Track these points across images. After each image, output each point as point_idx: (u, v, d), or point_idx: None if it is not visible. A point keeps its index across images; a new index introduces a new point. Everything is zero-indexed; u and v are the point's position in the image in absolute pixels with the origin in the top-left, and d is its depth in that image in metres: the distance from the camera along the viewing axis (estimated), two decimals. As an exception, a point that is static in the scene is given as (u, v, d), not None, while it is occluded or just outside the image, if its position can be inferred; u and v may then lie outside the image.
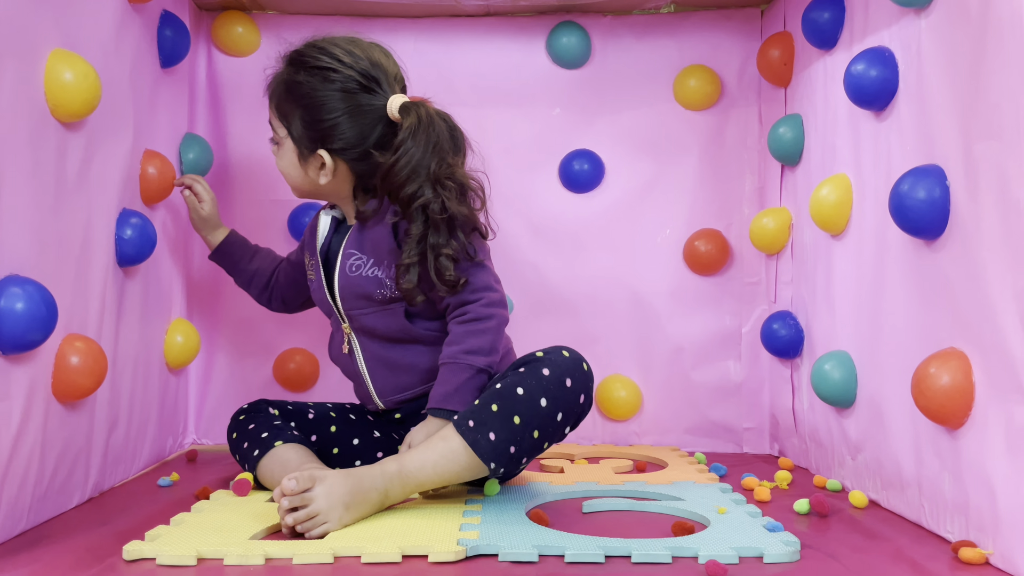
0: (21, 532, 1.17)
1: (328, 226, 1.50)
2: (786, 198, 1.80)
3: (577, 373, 1.31)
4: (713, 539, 1.12)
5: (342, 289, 1.44)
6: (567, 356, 1.32)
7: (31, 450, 1.17)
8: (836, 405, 1.48)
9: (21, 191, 1.14)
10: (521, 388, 1.27)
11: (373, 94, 1.40)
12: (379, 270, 1.42)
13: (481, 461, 1.25)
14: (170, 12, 1.64)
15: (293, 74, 1.42)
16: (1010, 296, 1.00)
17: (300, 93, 1.40)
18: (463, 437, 1.25)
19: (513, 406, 1.26)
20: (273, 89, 1.45)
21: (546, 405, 1.27)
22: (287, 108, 1.42)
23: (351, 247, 1.44)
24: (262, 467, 1.39)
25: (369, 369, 1.47)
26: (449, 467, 1.25)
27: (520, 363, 1.32)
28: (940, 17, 1.16)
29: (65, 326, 1.24)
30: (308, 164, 1.43)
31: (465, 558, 1.07)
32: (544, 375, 1.29)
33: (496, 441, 1.25)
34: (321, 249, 1.49)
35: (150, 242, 1.49)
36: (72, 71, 1.21)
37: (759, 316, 1.88)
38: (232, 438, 1.47)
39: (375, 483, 1.22)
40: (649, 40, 1.91)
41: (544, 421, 1.28)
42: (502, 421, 1.25)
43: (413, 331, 1.43)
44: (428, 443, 1.27)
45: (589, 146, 1.92)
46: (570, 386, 1.30)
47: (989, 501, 1.05)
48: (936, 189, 1.14)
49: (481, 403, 1.28)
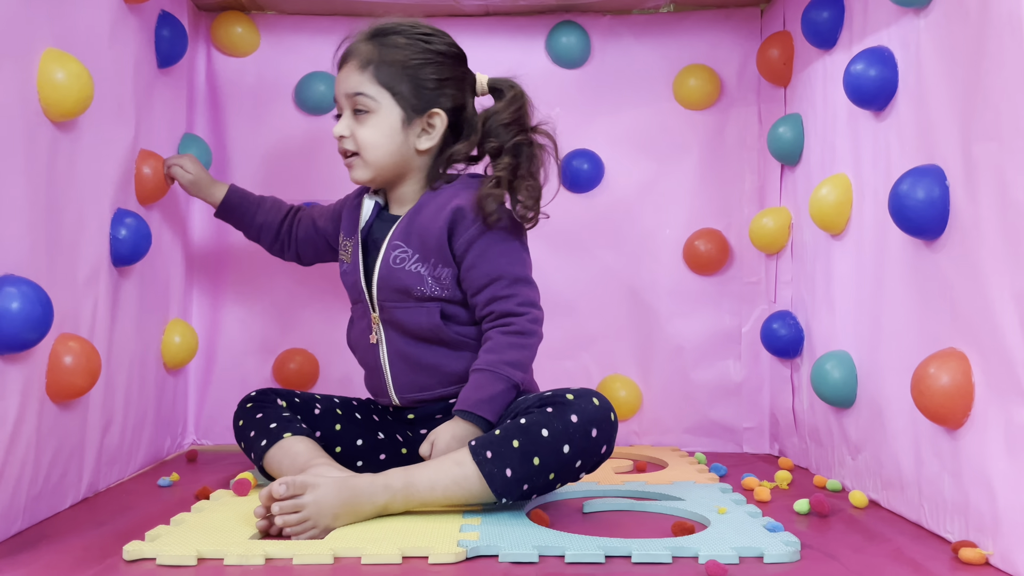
0: (17, 532, 1.17)
1: (371, 211, 1.49)
2: (786, 198, 1.80)
3: (604, 424, 1.27)
4: (713, 539, 1.12)
5: (381, 280, 1.43)
6: (597, 405, 1.27)
7: (25, 450, 1.17)
8: (836, 405, 1.48)
9: (14, 191, 1.13)
10: (547, 431, 1.24)
11: (465, 66, 1.49)
12: (423, 266, 1.41)
13: (493, 494, 1.24)
14: (168, 12, 1.64)
15: (392, 40, 1.44)
16: (1009, 296, 1.00)
17: (408, 55, 1.43)
18: (479, 468, 1.23)
19: (536, 447, 1.23)
20: (365, 56, 1.43)
21: (568, 452, 1.24)
22: (390, 71, 1.42)
23: (398, 239, 1.43)
24: (269, 458, 1.37)
25: (391, 363, 1.45)
26: (458, 493, 1.24)
27: (548, 401, 1.28)
28: (939, 17, 1.16)
29: (59, 326, 1.23)
30: (412, 128, 1.43)
31: (465, 559, 1.07)
32: (572, 422, 1.25)
33: (511, 478, 1.23)
34: (362, 232, 1.48)
35: (145, 242, 1.49)
36: (64, 71, 1.21)
37: (759, 316, 1.88)
38: (239, 425, 1.45)
39: (374, 496, 1.21)
40: (649, 40, 1.91)
41: (563, 466, 1.25)
42: (521, 459, 1.23)
43: (444, 332, 1.42)
44: (441, 465, 1.25)
45: (589, 146, 1.92)
46: (595, 436, 1.26)
47: (989, 501, 1.04)
48: (935, 189, 1.14)
49: (503, 435, 1.25)
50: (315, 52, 1.90)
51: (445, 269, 1.41)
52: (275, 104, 1.90)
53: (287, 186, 1.89)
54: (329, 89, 1.88)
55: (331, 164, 1.90)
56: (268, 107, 1.90)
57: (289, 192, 1.89)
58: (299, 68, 1.90)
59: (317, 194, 1.89)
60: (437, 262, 1.41)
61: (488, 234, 1.40)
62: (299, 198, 1.89)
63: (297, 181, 1.90)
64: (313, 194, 1.89)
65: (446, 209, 1.40)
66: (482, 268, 1.39)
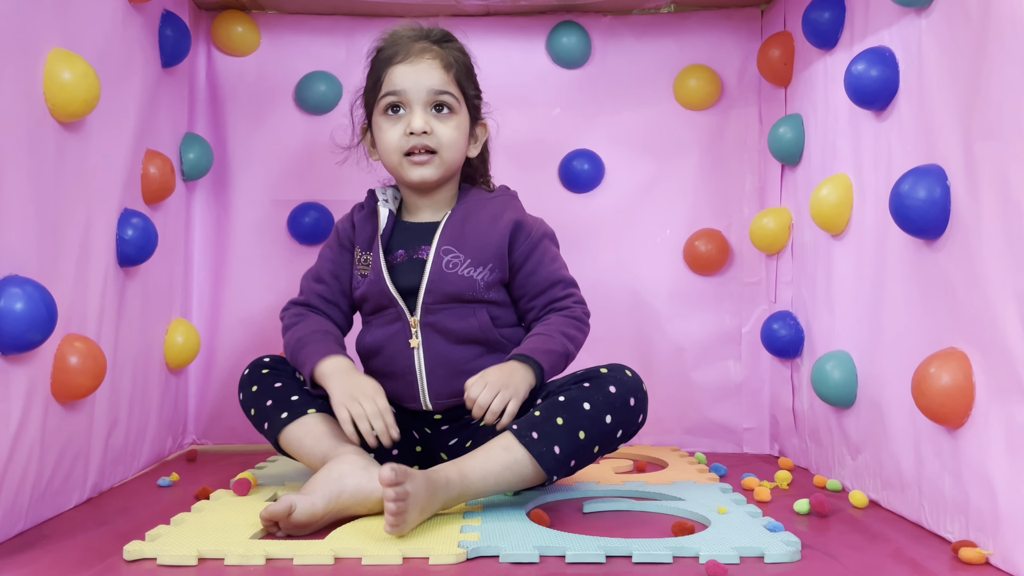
0: (20, 532, 1.17)
1: (387, 220, 1.47)
2: (786, 198, 1.80)
3: (640, 393, 1.31)
4: (714, 539, 1.12)
5: (432, 284, 1.41)
6: (630, 376, 1.32)
7: (30, 450, 1.17)
8: (836, 405, 1.48)
9: (20, 191, 1.13)
10: (588, 404, 1.27)
11: None
12: (475, 270, 1.42)
13: (544, 473, 1.24)
14: (171, 12, 1.64)
15: (458, 47, 1.49)
16: (1010, 296, 1.00)
17: (469, 66, 1.49)
18: (527, 449, 1.23)
19: (580, 421, 1.25)
20: (445, 58, 1.45)
21: (610, 422, 1.27)
22: (465, 77, 1.47)
23: (447, 243, 1.43)
24: (289, 433, 1.34)
25: (428, 369, 1.42)
26: (510, 478, 1.24)
27: (583, 377, 1.31)
28: (940, 17, 1.16)
29: (64, 326, 1.24)
30: (469, 135, 1.49)
31: (466, 560, 1.07)
32: (611, 392, 1.28)
33: (560, 455, 1.24)
34: (382, 239, 1.46)
35: (151, 242, 1.49)
36: (71, 71, 1.21)
37: (759, 316, 1.88)
38: (252, 391, 1.39)
39: (446, 490, 1.19)
40: (649, 40, 1.91)
41: (605, 437, 1.28)
42: (567, 435, 1.25)
43: (491, 334, 1.42)
44: (488, 452, 1.24)
45: (589, 146, 1.92)
46: (633, 405, 1.30)
47: (989, 501, 1.04)
48: (936, 189, 1.14)
49: (544, 416, 1.26)
50: (315, 52, 1.90)
51: (496, 274, 1.44)
52: (275, 104, 1.90)
53: (287, 186, 1.90)
54: (329, 89, 1.88)
55: (331, 164, 1.90)
56: (268, 107, 1.90)
57: (289, 192, 1.90)
58: (299, 68, 1.90)
59: (317, 194, 1.90)
60: (494, 267, 1.43)
61: (542, 244, 1.47)
62: (299, 198, 1.89)
63: (297, 181, 1.90)
64: (313, 194, 1.90)
65: (504, 220, 1.45)
66: (541, 274, 1.46)
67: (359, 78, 1.72)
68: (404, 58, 1.44)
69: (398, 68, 1.43)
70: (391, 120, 1.44)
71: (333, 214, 1.89)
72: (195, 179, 1.81)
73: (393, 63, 1.44)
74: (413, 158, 1.43)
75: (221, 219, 1.90)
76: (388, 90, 1.44)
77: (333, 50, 1.91)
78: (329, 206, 1.89)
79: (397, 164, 1.45)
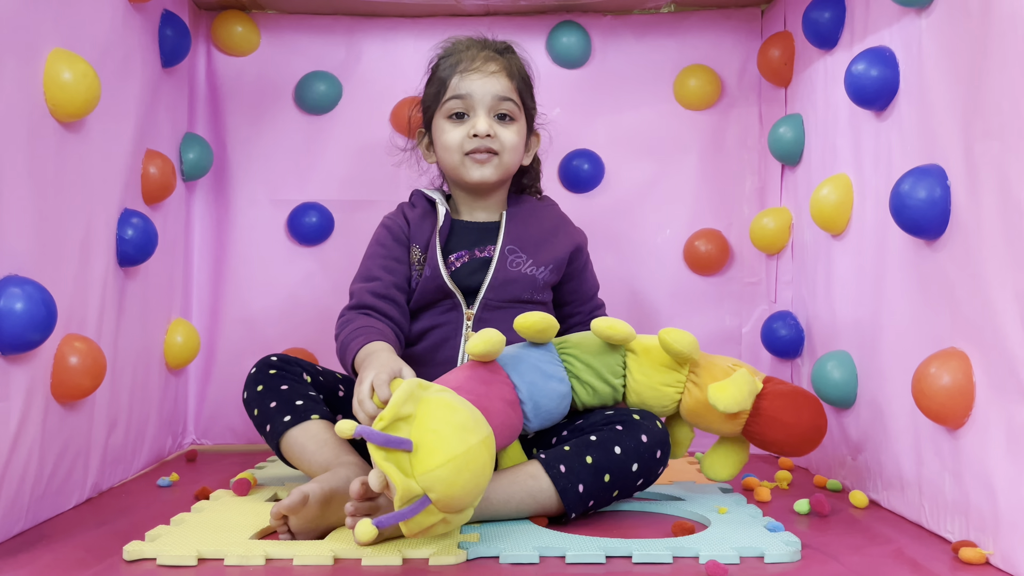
0: (20, 532, 1.17)
1: (445, 218, 1.49)
2: (786, 198, 1.80)
3: (664, 447, 1.29)
4: (714, 539, 1.12)
5: (496, 281, 1.45)
6: (660, 428, 1.30)
7: (30, 450, 1.17)
8: (836, 405, 1.48)
9: (20, 191, 1.13)
10: (619, 448, 1.25)
11: None
12: (537, 269, 1.48)
13: (564, 508, 1.23)
14: (171, 12, 1.64)
15: (518, 59, 1.55)
16: (1010, 296, 1.00)
17: (529, 77, 1.56)
18: (553, 482, 1.22)
19: (608, 464, 1.24)
20: (508, 68, 1.51)
21: (635, 470, 1.26)
22: (525, 88, 1.54)
23: (511, 243, 1.48)
24: (291, 438, 1.33)
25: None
26: (531, 506, 1.23)
27: (615, 419, 1.29)
28: (941, 16, 1.16)
29: (64, 326, 1.24)
30: (525, 143, 1.55)
31: (466, 560, 1.07)
32: (643, 441, 1.26)
33: (582, 493, 1.23)
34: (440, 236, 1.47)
35: (151, 242, 1.49)
36: (71, 71, 1.21)
37: (759, 316, 1.88)
38: (256, 390, 1.38)
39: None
40: (649, 40, 1.91)
41: (627, 484, 1.26)
42: (593, 475, 1.23)
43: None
44: (515, 477, 1.23)
45: (589, 146, 1.92)
46: (658, 457, 1.28)
47: (989, 501, 1.04)
48: (936, 189, 1.14)
49: (574, 451, 1.25)
50: (315, 51, 1.90)
51: (553, 276, 1.50)
52: (275, 104, 1.90)
53: (287, 186, 1.90)
54: (329, 89, 1.88)
55: (331, 163, 1.91)
56: (268, 107, 1.90)
57: (289, 191, 1.90)
58: (299, 68, 1.90)
59: (316, 193, 1.90)
60: (553, 270, 1.50)
61: (589, 257, 1.60)
62: (299, 198, 1.89)
63: (297, 181, 1.90)
64: (312, 194, 1.89)
65: (566, 232, 1.55)
66: (590, 282, 1.60)
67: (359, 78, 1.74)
68: (470, 65, 1.48)
69: (464, 75, 1.48)
70: (454, 123, 1.49)
71: (333, 214, 1.89)
72: (195, 179, 1.82)
73: (458, 70, 1.49)
74: (475, 156, 1.47)
75: (221, 219, 1.90)
76: (453, 94, 1.48)
77: (333, 50, 1.91)
78: (329, 206, 1.89)
79: (459, 163, 1.48)
